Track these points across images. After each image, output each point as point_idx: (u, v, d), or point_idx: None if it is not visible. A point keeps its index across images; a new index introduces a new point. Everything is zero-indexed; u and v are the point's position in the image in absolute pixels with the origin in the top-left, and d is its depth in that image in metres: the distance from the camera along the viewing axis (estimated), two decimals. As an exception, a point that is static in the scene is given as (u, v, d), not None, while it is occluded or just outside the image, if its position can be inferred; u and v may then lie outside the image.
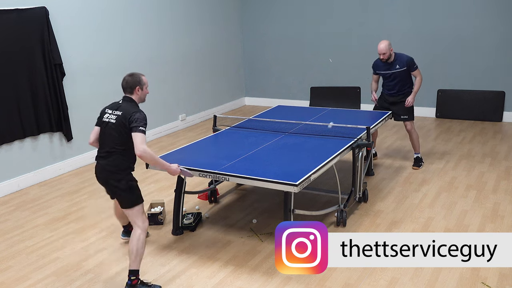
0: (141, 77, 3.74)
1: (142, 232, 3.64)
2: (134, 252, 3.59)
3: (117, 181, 3.64)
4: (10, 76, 5.74)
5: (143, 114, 3.61)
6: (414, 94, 5.92)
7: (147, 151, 3.53)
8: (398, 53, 5.90)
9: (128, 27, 7.29)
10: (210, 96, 9.18)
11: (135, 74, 3.75)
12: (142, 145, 3.49)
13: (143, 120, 3.57)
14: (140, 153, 3.50)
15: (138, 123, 3.53)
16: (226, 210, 5.12)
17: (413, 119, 6.04)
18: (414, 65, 5.87)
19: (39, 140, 6.16)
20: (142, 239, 3.62)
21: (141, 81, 3.73)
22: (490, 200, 5.06)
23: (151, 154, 3.58)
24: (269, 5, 9.50)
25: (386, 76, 5.96)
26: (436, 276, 3.75)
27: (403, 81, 5.93)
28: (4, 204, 5.53)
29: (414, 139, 6.09)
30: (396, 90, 5.97)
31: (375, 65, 6.04)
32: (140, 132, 3.51)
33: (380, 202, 5.13)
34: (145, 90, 3.76)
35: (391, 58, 5.83)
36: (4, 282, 3.95)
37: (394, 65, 5.85)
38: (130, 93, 3.73)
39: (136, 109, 3.64)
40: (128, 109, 3.63)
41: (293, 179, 3.79)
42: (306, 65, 9.42)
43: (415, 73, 5.90)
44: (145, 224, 3.70)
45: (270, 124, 5.48)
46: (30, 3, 5.87)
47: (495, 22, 7.81)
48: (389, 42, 5.79)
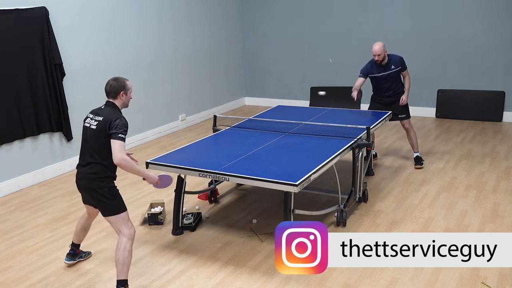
0: (125, 82, 3.68)
1: (128, 240, 3.57)
2: (120, 261, 3.52)
3: (100, 188, 3.55)
4: (10, 76, 5.74)
5: (124, 121, 3.52)
6: (407, 92, 5.97)
7: (125, 159, 3.44)
8: (390, 54, 5.93)
9: (128, 27, 7.29)
10: (210, 96, 9.18)
11: (120, 79, 3.67)
12: (120, 153, 3.42)
13: (123, 127, 3.47)
14: (117, 161, 3.43)
15: (117, 129, 3.44)
16: (226, 210, 5.12)
17: (410, 117, 6.08)
18: (404, 64, 5.94)
19: (39, 140, 6.16)
20: (128, 248, 3.56)
21: (126, 86, 3.66)
22: (490, 200, 5.06)
23: (129, 162, 3.48)
24: (269, 5, 9.50)
25: (382, 78, 5.92)
26: (436, 276, 3.75)
27: (397, 81, 5.98)
28: (4, 204, 5.53)
29: (413, 137, 6.11)
30: (392, 91, 5.99)
31: (367, 69, 5.95)
32: (119, 139, 3.43)
33: (380, 202, 5.13)
34: (129, 95, 3.69)
35: (385, 59, 5.84)
36: (4, 282, 3.95)
37: (389, 66, 5.86)
38: (114, 98, 3.64)
39: (118, 115, 3.55)
40: (110, 114, 3.54)
41: (293, 179, 3.79)
42: (306, 65, 9.42)
43: (404, 73, 5.96)
44: (131, 231, 3.60)
45: (270, 124, 5.48)
46: (30, 3, 5.87)
47: (495, 22, 7.81)
48: (383, 43, 5.79)
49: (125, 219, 3.61)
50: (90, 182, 3.57)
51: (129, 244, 3.57)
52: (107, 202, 3.58)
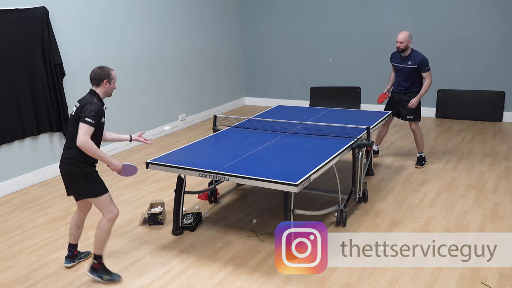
0: (110, 71, 3.77)
1: (107, 222, 3.72)
2: (97, 239, 3.73)
3: (77, 174, 3.67)
4: (10, 76, 5.73)
5: (95, 106, 3.59)
6: (419, 96, 5.88)
7: (87, 142, 3.52)
8: (416, 51, 5.88)
9: (128, 27, 7.29)
10: (210, 96, 9.17)
11: (105, 68, 3.77)
12: (84, 136, 3.51)
13: (92, 111, 3.55)
14: (79, 143, 3.52)
15: (86, 113, 3.54)
16: (226, 210, 5.12)
17: (419, 120, 6.05)
18: (426, 66, 5.80)
19: (39, 140, 6.16)
20: (106, 228, 3.71)
21: (110, 75, 3.75)
22: (490, 200, 5.06)
23: (90, 146, 3.54)
24: (269, 5, 9.50)
25: (397, 69, 5.99)
26: (436, 276, 3.75)
27: (412, 79, 5.91)
28: (4, 204, 5.53)
29: (418, 139, 6.10)
30: (404, 87, 5.97)
31: (392, 55, 6.07)
32: (85, 123, 3.52)
33: (380, 202, 5.13)
34: (112, 85, 3.77)
35: (407, 51, 5.82)
36: (4, 282, 3.95)
37: (407, 60, 5.85)
38: (97, 86, 3.75)
39: (92, 100, 3.64)
40: (85, 100, 3.67)
41: (293, 179, 3.79)
42: (306, 65, 9.42)
43: (425, 74, 5.83)
44: (112, 213, 3.73)
45: (270, 124, 5.48)
46: (30, 3, 5.87)
47: (495, 22, 7.81)
48: (410, 33, 5.78)
49: (106, 201, 3.72)
50: (67, 167, 3.72)
51: (107, 225, 3.72)
52: (84, 187, 3.70)
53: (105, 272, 3.82)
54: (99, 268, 3.81)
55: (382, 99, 6.22)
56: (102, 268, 3.82)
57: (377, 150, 6.55)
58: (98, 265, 3.80)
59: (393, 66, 6.07)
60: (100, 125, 3.68)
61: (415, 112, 5.99)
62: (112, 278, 3.83)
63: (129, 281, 3.87)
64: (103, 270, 3.82)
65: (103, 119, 3.71)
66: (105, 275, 3.81)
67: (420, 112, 6.07)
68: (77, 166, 3.67)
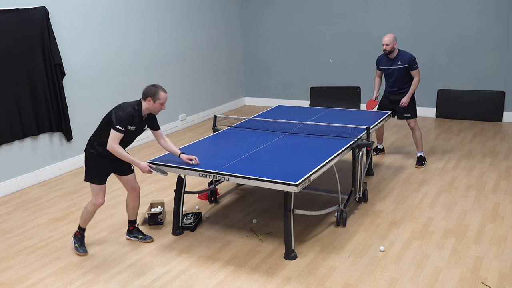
0: (159, 91, 4.00)
1: (91, 205, 4.20)
2: (82, 214, 4.29)
3: (85, 151, 4.17)
4: (10, 76, 5.73)
5: (124, 114, 3.93)
6: (409, 94, 5.95)
7: (114, 148, 3.95)
8: (402, 50, 5.95)
9: (128, 27, 7.29)
10: (210, 96, 9.18)
11: (157, 86, 4.03)
12: (112, 143, 3.94)
13: (120, 118, 3.91)
14: (108, 148, 3.96)
15: (115, 121, 3.92)
16: (226, 210, 5.12)
17: (416, 117, 6.10)
18: (415, 64, 5.89)
19: (39, 140, 6.17)
20: (89, 208, 4.22)
21: (156, 95, 3.99)
22: (490, 200, 5.06)
23: (117, 151, 3.97)
24: (269, 5, 9.50)
25: (388, 72, 6.02)
26: (436, 276, 3.75)
27: (403, 79, 5.96)
28: (4, 204, 5.54)
29: (417, 137, 6.12)
30: (396, 88, 6.01)
31: (378, 60, 6.12)
32: (115, 129, 3.92)
33: (380, 202, 5.13)
34: (157, 105, 4.01)
35: (394, 52, 5.87)
36: (4, 282, 3.95)
37: (396, 61, 5.90)
38: (143, 99, 4.04)
39: (127, 108, 3.97)
40: (122, 105, 4.03)
41: (293, 179, 3.79)
42: (306, 65, 9.42)
43: (414, 72, 5.91)
44: (97, 201, 4.17)
45: (270, 124, 5.48)
46: (30, 3, 5.87)
47: (495, 22, 7.81)
48: (394, 35, 5.85)
49: (95, 190, 4.16)
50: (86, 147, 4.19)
51: (91, 208, 4.22)
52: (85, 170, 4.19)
53: (79, 241, 4.34)
54: (77, 236, 4.35)
55: (372, 105, 6.22)
56: (80, 237, 4.34)
57: (382, 148, 6.62)
58: (78, 233, 4.35)
59: (383, 70, 6.09)
60: (127, 131, 3.99)
61: (411, 110, 6.04)
62: (79, 250, 4.30)
63: (129, 281, 3.87)
64: (78, 239, 4.34)
65: (132, 127, 4.01)
66: (76, 244, 4.33)
67: (416, 109, 6.12)
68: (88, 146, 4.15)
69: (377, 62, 6.16)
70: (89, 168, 4.15)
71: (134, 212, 4.46)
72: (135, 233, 4.51)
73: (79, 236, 4.35)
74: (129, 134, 4.05)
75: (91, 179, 4.15)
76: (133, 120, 3.98)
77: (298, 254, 4.13)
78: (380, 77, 6.26)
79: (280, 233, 4.44)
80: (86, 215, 4.26)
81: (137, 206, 4.44)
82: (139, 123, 4.09)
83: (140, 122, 4.10)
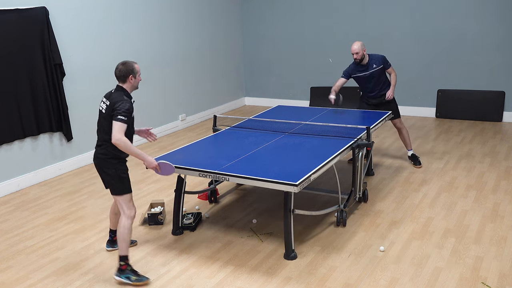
0: (133, 65, 3.82)
1: (126, 220, 3.77)
2: (120, 238, 3.76)
3: (107, 169, 3.77)
4: (10, 76, 5.73)
5: (127, 104, 3.66)
6: (393, 87, 5.97)
7: (122, 139, 3.59)
8: (371, 54, 5.95)
9: (128, 27, 7.29)
10: (210, 96, 9.18)
11: (128, 63, 3.82)
12: (119, 134, 3.58)
13: (124, 108, 3.63)
14: (114, 141, 3.59)
15: (118, 111, 3.62)
16: (226, 210, 5.12)
17: (399, 116, 6.11)
18: (388, 62, 5.95)
19: (39, 140, 6.17)
20: (127, 226, 3.76)
21: (134, 70, 3.80)
22: (490, 200, 5.06)
23: (125, 143, 3.61)
24: (269, 5, 9.50)
25: (364, 78, 5.94)
26: (436, 276, 3.75)
27: (381, 81, 5.97)
28: (4, 204, 5.54)
29: (405, 135, 6.16)
30: (377, 91, 6.01)
31: (350, 70, 6.00)
32: (119, 121, 3.60)
33: (380, 202, 5.13)
34: (137, 78, 3.83)
35: (365, 59, 5.86)
36: (4, 282, 3.95)
37: (370, 65, 5.89)
38: (123, 82, 3.81)
39: (122, 98, 3.70)
40: (116, 98, 3.72)
41: (293, 179, 3.79)
42: (306, 65, 9.42)
43: (390, 70, 5.97)
44: (131, 211, 3.80)
45: (270, 124, 5.48)
46: (30, 3, 5.87)
47: (495, 22, 7.81)
48: (362, 43, 5.83)
49: (127, 199, 3.81)
50: (100, 162, 3.81)
51: (127, 223, 3.77)
52: (112, 183, 3.79)
53: (133, 272, 3.80)
54: (126, 269, 3.79)
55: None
56: (130, 270, 3.80)
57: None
58: (125, 266, 3.79)
59: (357, 78, 5.97)
60: (131, 121, 3.76)
61: (394, 110, 6.01)
62: (142, 279, 3.80)
63: (129, 281, 3.86)
64: (130, 271, 3.80)
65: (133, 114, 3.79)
66: (132, 276, 3.78)
67: (398, 109, 6.11)
68: (109, 162, 3.77)
69: (347, 72, 5.99)
70: (120, 179, 3.78)
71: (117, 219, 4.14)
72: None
73: (129, 268, 3.80)
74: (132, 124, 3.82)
75: (124, 189, 3.78)
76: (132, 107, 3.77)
77: (298, 254, 4.13)
78: (341, 85, 6.05)
79: (280, 233, 4.44)
80: (127, 236, 3.75)
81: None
82: None
83: None
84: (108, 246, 4.36)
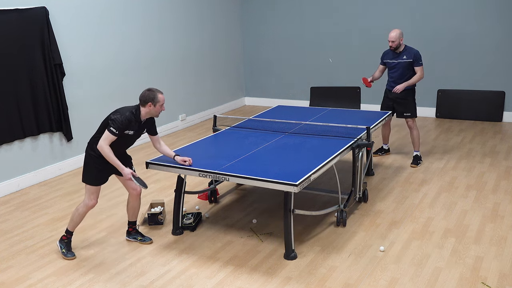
0: (157, 94, 4.01)
1: (84, 206, 4.18)
2: (71, 217, 4.26)
3: (87, 159, 4.14)
4: (10, 76, 5.73)
5: (122, 118, 3.91)
6: (406, 84, 5.97)
7: (104, 148, 3.91)
8: (409, 46, 5.99)
9: (128, 27, 7.29)
10: (210, 96, 9.18)
11: (153, 91, 4.02)
12: (103, 142, 3.91)
13: (118, 122, 3.90)
14: (98, 146, 3.95)
15: (112, 123, 3.91)
16: (226, 210, 5.12)
17: (415, 117, 6.13)
18: (420, 60, 5.94)
19: (39, 140, 6.16)
20: (81, 212, 4.19)
21: (155, 98, 4.00)
22: (490, 200, 5.06)
23: (106, 152, 3.92)
24: (269, 5, 9.50)
25: (392, 66, 6.06)
26: (436, 276, 3.75)
27: (405, 74, 5.99)
28: (4, 204, 5.53)
29: (415, 136, 6.16)
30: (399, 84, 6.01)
31: (384, 53, 6.16)
32: (108, 131, 3.91)
33: (380, 202, 5.13)
34: (157, 107, 4.04)
35: (400, 48, 5.92)
36: (4, 282, 3.95)
37: (401, 55, 5.95)
38: (142, 105, 4.03)
39: (125, 113, 3.96)
40: (121, 110, 4.00)
41: (293, 179, 3.79)
42: (306, 65, 9.42)
43: (417, 69, 5.95)
44: (90, 201, 4.15)
45: (270, 124, 5.48)
46: (30, 3, 5.87)
47: (495, 22, 7.81)
48: (401, 31, 5.89)
49: (90, 190, 4.16)
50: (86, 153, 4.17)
51: (82, 210, 4.19)
52: (84, 169, 4.17)
53: (66, 246, 4.29)
54: (65, 240, 4.30)
55: (366, 81, 6.30)
56: (67, 241, 4.30)
57: (388, 148, 6.63)
58: (65, 237, 4.30)
59: (386, 64, 6.13)
60: (124, 136, 4.00)
61: (411, 109, 6.07)
62: (67, 255, 4.25)
63: (129, 281, 3.87)
64: (65, 244, 4.29)
65: (130, 132, 4.02)
66: (63, 249, 4.28)
67: (416, 109, 6.16)
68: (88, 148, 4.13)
69: (382, 56, 6.19)
70: (88, 170, 4.15)
71: (134, 213, 4.45)
72: (134, 235, 4.50)
73: (66, 240, 4.31)
74: (127, 138, 4.07)
75: (88, 181, 4.16)
76: (130, 124, 3.98)
77: (298, 254, 4.13)
78: (381, 71, 6.26)
79: (280, 233, 4.44)
80: (77, 218, 4.22)
81: (137, 207, 4.43)
82: (138, 127, 4.10)
83: (139, 126, 4.11)
84: (128, 236, 4.55)
